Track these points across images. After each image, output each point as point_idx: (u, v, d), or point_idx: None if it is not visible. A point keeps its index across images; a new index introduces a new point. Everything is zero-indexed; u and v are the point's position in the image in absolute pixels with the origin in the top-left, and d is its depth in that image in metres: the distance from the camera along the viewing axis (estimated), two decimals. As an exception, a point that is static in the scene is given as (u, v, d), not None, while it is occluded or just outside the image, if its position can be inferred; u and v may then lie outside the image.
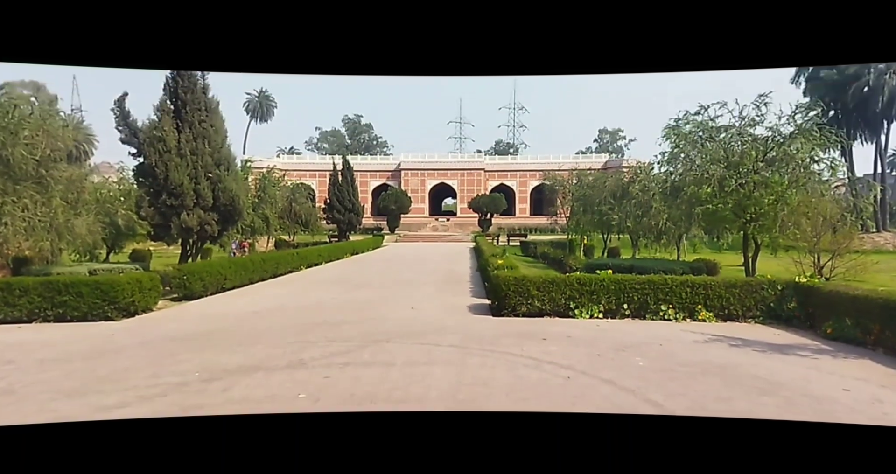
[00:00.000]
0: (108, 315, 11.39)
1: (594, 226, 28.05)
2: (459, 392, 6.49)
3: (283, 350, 8.53)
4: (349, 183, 44.73)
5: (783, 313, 11.22)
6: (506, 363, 7.89)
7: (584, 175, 31.86)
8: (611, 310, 11.72)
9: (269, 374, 7.14)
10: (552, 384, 6.91)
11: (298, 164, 74.29)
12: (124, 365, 7.63)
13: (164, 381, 6.68)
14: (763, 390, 6.70)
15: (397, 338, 9.58)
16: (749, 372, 7.46)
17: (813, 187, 14.56)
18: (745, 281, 11.95)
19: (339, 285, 17.95)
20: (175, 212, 17.24)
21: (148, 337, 9.65)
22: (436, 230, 63.18)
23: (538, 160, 72.91)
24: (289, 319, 11.57)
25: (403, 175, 72.31)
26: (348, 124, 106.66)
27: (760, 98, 15.06)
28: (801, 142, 14.46)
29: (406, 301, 14.11)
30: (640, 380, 7.03)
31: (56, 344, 9.13)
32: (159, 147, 17.18)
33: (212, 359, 7.89)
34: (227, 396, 6.15)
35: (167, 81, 18.15)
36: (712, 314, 11.48)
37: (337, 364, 7.73)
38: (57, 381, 6.75)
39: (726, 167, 15.19)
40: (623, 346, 9.03)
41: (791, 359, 8.33)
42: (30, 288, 11.26)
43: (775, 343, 9.43)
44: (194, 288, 14.72)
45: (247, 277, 18.01)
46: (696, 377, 7.28)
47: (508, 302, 11.82)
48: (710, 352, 8.81)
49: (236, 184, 18.83)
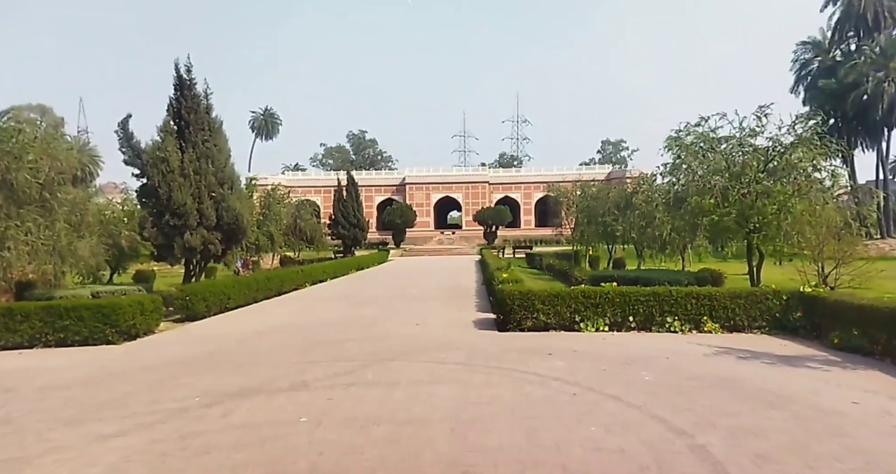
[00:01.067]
0: (109, 338, 11.37)
1: (599, 238, 27.97)
2: (464, 411, 6.41)
3: (286, 371, 8.48)
4: (353, 198, 44.87)
5: (789, 323, 11.10)
6: (511, 380, 7.81)
7: (587, 186, 31.86)
8: (616, 322, 11.62)
9: (270, 397, 7.08)
10: (558, 401, 6.82)
11: (303, 181, 74.74)
12: (124, 390, 7.57)
13: (164, 407, 6.62)
14: (771, 403, 6.59)
15: (402, 356, 9.52)
16: (756, 386, 7.35)
17: (815, 196, 14.46)
18: (749, 291, 11.82)
19: (343, 302, 17.91)
20: (178, 232, 17.26)
21: (149, 360, 9.61)
22: (441, 243, 63.14)
23: (542, 172, 73.08)
24: (292, 338, 11.52)
25: (408, 189, 72.51)
26: (353, 140, 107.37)
27: (761, 109, 15.05)
28: (801, 152, 14.41)
29: (411, 317, 14.04)
30: (646, 395, 6.94)
31: (56, 370, 9.10)
32: (162, 167, 17.24)
33: (213, 383, 7.84)
34: (228, 422, 6.08)
35: (170, 102, 18.29)
36: (718, 325, 11.38)
37: (340, 384, 7.66)
38: (56, 409, 6.71)
39: (728, 177, 15.14)
40: (629, 360, 8.93)
41: (798, 371, 8.21)
42: (31, 313, 11.27)
43: (782, 354, 9.31)
44: (197, 308, 14.71)
45: (251, 296, 18.00)
46: (704, 391, 7.18)
47: (513, 316, 11.75)
48: (717, 364, 8.70)
49: (240, 203, 18.86)
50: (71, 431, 5.89)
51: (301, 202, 42.79)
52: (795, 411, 6.30)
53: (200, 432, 5.74)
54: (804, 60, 50.88)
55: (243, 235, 19.47)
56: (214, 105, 18.74)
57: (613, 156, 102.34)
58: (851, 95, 44.08)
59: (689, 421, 5.95)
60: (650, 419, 6.07)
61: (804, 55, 51.00)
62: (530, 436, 5.55)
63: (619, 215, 25.21)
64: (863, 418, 6.07)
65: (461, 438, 5.52)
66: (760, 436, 5.52)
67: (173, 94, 18.26)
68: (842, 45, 49.77)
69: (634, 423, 5.94)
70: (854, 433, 5.63)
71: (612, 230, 25.15)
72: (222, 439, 5.53)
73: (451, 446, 5.34)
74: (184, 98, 18.16)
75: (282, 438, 5.56)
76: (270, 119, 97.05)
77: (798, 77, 50.86)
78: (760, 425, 5.85)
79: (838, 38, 49.15)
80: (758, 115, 14.96)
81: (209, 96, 18.70)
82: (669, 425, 5.85)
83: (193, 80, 18.30)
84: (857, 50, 47.41)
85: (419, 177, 73.51)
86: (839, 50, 49.81)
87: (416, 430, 5.76)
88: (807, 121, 14.98)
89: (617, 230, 24.73)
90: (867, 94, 43.94)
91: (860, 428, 5.76)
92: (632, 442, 5.39)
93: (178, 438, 5.57)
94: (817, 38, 50.76)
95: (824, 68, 48.40)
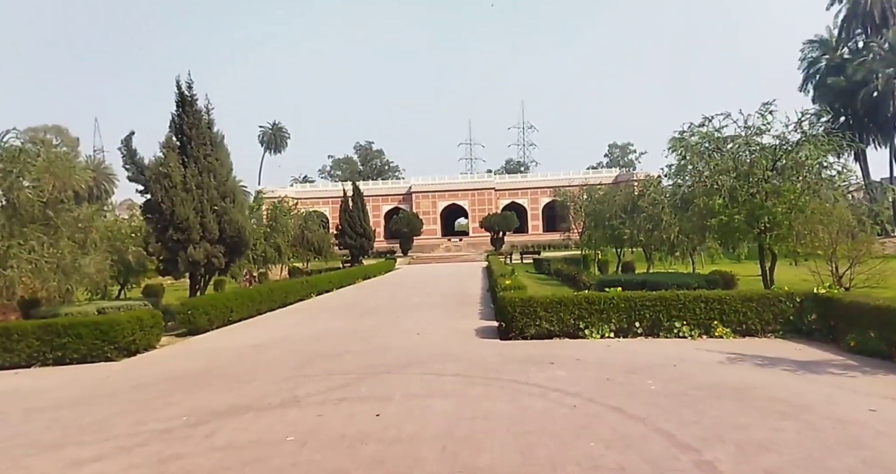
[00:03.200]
0: (108, 355, 11.22)
1: (607, 241, 27.60)
2: (458, 428, 6.12)
3: (279, 386, 8.24)
4: (360, 208, 44.85)
5: (804, 326, 10.70)
6: (510, 392, 7.51)
7: (594, 190, 31.51)
8: (622, 329, 11.28)
9: (259, 415, 6.83)
10: (557, 414, 6.52)
11: (311, 193, 75.09)
12: (112, 410, 7.36)
13: (149, 428, 6.39)
14: (784, 414, 6.24)
15: (399, 368, 9.25)
16: (768, 395, 6.99)
17: (826, 194, 14.05)
18: (762, 294, 11.41)
19: (346, 312, 17.69)
20: (182, 247, 17.22)
21: (143, 378, 9.41)
22: (448, 250, 62.93)
23: (549, 177, 72.76)
24: (290, 351, 11.29)
25: (415, 197, 72.52)
26: (360, 151, 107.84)
27: (765, 106, 14.71)
28: (809, 149, 14.03)
29: (413, 326, 13.78)
30: (651, 407, 6.60)
31: (48, 390, 8.92)
32: (165, 183, 17.27)
33: (203, 400, 7.62)
34: (211, 443, 5.84)
35: (172, 118, 18.37)
36: (729, 330, 10.98)
37: (332, 400, 7.40)
38: (37, 433, 6.50)
39: (736, 177, 14.79)
40: (634, 369, 8.59)
41: (813, 378, 7.83)
42: (28, 332, 11.15)
43: (797, 359, 8.92)
44: (199, 322, 14.55)
45: (254, 308, 17.85)
46: (712, 401, 6.82)
47: (516, 324, 11.44)
48: (727, 372, 8.33)
49: (242, 216, 18.82)
50: (47, 456, 5.66)
51: (309, 213, 42.80)
52: (809, 421, 5.95)
53: (181, 455, 5.50)
54: (812, 59, 50.37)
55: (246, 248, 19.41)
56: (219, 120, 18.87)
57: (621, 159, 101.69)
58: (861, 93, 43.53)
59: (695, 435, 5.61)
60: (654, 433, 5.75)
61: (812, 53, 50.49)
62: (525, 454, 5.26)
63: (626, 218, 24.83)
64: (881, 427, 5.70)
65: (451, 457, 5.23)
66: (772, 450, 5.18)
67: (175, 111, 18.35)
68: (849, 43, 49.29)
69: (637, 438, 5.62)
70: (872, 444, 5.28)
71: (620, 233, 24.75)
72: (202, 463, 5.28)
73: (441, 466, 5.05)
74: (185, 114, 18.23)
75: (263, 460, 5.30)
76: (279, 133, 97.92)
77: (806, 75, 50.37)
78: (772, 438, 5.50)
79: (846, 35, 48.65)
80: (761, 113, 14.63)
81: (210, 111, 18.77)
82: (674, 439, 5.52)
83: (195, 96, 18.38)
84: (865, 47, 46.84)
85: (425, 185, 73.48)
86: (847, 48, 49.34)
87: (406, 450, 5.48)
88: (817, 119, 14.63)
89: (624, 233, 24.34)
90: (877, 91, 43.42)
91: (878, 439, 5.40)
92: (633, 459, 5.07)
93: (157, 462, 5.32)
94: (824, 37, 50.21)
95: (833, 66, 47.90)
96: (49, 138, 46.26)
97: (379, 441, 5.76)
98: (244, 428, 6.32)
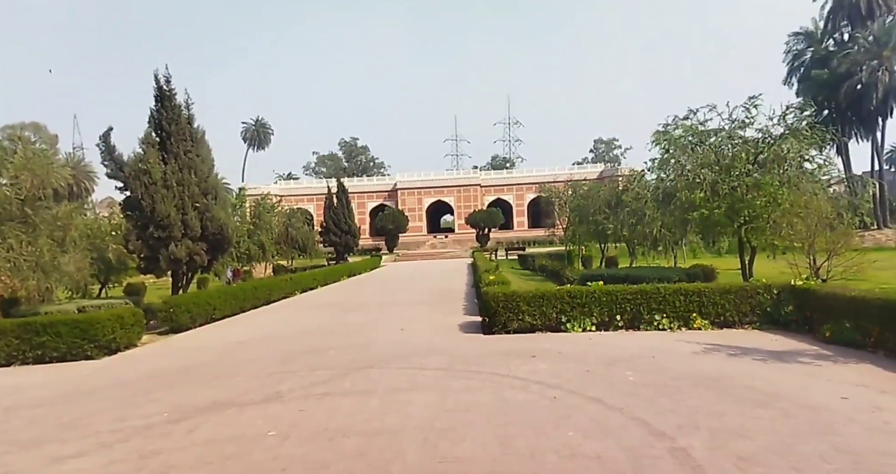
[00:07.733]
0: (88, 354, 11.12)
1: (591, 237, 27.79)
2: (439, 420, 6.17)
3: (262, 382, 8.23)
4: (344, 205, 44.61)
5: (780, 318, 10.90)
6: (492, 385, 7.58)
7: (578, 185, 31.68)
8: (604, 322, 11.41)
9: (241, 410, 6.83)
10: (538, 406, 6.59)
11: (295, 190, 74.52)
12: (93, 408, 7.32)
13: (130, 425, 6.37)
14: (758, 402, 6.38)
15: (382, 362, 9.28)
16: (744, 384, 7.13)
17: (806, 187, 14.28)
18: (739, 286, 11.61)
19: (331, 309, 17.65)
20: (163, 244, 17.02)
21: (124, 376, 9.35)
22: (434, 247, 62.90)
23: (534, 173, 72.90)
24: (273, 348, 11.27)
25: (400, 194, 72.32)
26: (345, 147, 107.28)
27: (751, 100, 14.87)
28: (791, 143, 14.24)
29: (397, 322, 13.81)
30: (629, 397, 6.72)
31: (27, 388, 8.84)
32: (145, 180, 17.02)
33: (185, 397, 7.59)
34: (192, 438, 5.83)
35: (151, 113, 18.03)
36: (708, 322, 11.17)
37: (315, 394, 7.42)
38: (17, 431, 6.45)
39: (718, 171, 14.96)
40: (614, 361, 8.71)
41: (788, 367, 8.00)
42: (7, 330, 11.01)
43: (772, 349, 9.10)
44: (181, 320, 14.46)
45: (237, 306, 17.75)
46: (689, 391, 6.95)
47: (499, 319, 11.53)
48: (705, 362, 8.48)
49: (224, 213, 18.64)
50: (28, 454, 5.63)
51: (293, 210, 42.52)
52: (783, 409, 6.09)
53: (161, 450, 5.49)
54: (797, 51, 50.31)
55: (229, 245, 19.21)
56: (201, 116, 18.66)
57: (606, 154, 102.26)
58: (845, 85, 43.77)
59: (671, 424, 5.72)
60: (631, 422, 5.85)
61: (797, 46, 50.41)
62: (505, 444, 5.32)
63: (609, 214, 25.03)
64: (852, 414, 5.85)
65: (432, 448, 5.28)
66: (745, 437, 5.29)
67: (154, 106, 18.02)
68: (835, 35, 49.23)
69: (614, 427, 5.71)
70: (843, 430, 5.42)
71: (604, 229, 24.96)
72: (182, 458, 5.28)
73: (421, 457, 5.10)
74: (164, 109, 17.92)
75: (245, 454, 5.32)
76: (262, 129, 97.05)
77: (791, 68, 50.34)
78: (746, 425, 5.63)
79: (831, 27, 48.66)
80: (747, 107, 14.79)
81: (190, 107, 18.45)
82: (651, 428, 5.62)
83: (174, 91, 18.05)
84: (851, 39, 46.98)
85: (410, 182, 73.29)
86: (832, 40, 49.30)
87: (387, 442, 5.52)
88: (800, 113, 14.83)
89: (608, 228, 24.54)
90: (861, 83, 43.60)
91: (849, 426, 5.54)
92: (610, 447, 5.16)
93: (138, 458, 5.32)
94: (810, 29, 50.22)
95: (817, 59, 47.94)
96: (27, 135, 45.50)
97: (361, 434, 5.79)
98: (226, 424, 6.32)
